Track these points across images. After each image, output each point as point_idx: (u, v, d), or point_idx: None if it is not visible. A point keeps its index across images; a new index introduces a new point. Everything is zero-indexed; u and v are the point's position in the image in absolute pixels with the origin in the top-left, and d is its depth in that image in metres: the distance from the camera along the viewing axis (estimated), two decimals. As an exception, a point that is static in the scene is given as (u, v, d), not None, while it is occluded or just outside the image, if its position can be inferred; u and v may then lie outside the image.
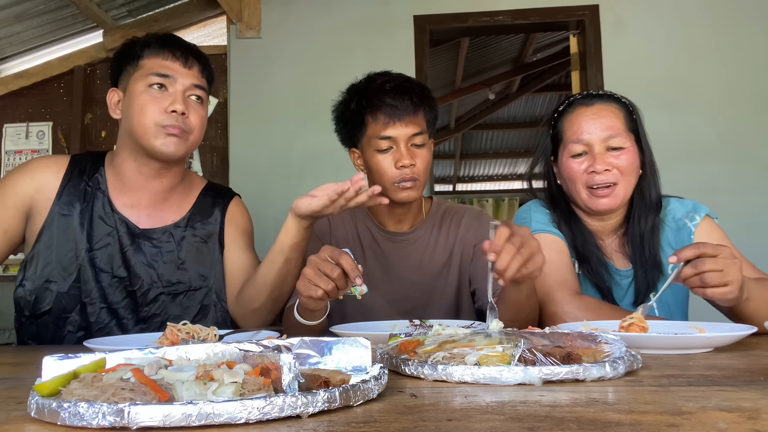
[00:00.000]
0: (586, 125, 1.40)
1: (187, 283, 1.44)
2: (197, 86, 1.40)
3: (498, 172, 9.48)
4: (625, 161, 1.37)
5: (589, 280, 1.42)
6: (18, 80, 3.81)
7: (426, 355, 0.78)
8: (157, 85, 1.35)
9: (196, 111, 1.39)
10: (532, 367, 0.69)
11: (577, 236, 1.44)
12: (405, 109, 1.44)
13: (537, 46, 5.80)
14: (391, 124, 1.44)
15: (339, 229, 1.61)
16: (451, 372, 0.71)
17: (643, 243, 1.42)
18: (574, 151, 1.41)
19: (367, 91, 1.49)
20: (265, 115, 3.55)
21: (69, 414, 0.52)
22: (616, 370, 0.71)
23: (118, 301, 1.38)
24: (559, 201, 1.49)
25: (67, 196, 1.40)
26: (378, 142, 1.46)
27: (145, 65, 1.37)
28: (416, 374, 0.74)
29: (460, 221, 1.61)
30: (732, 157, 3.35)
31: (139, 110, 1.34)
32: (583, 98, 1.46)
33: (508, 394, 0.64)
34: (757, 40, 3.40)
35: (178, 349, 0.71)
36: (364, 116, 1.48)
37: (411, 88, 1.48)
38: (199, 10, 3.88)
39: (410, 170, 1.45)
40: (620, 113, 1.42)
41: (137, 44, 1.40)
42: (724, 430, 0.49)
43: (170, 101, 1.34)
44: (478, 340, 0.82)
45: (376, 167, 1.48)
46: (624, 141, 1.38)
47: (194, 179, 1.58)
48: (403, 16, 3.58)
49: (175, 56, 1.38)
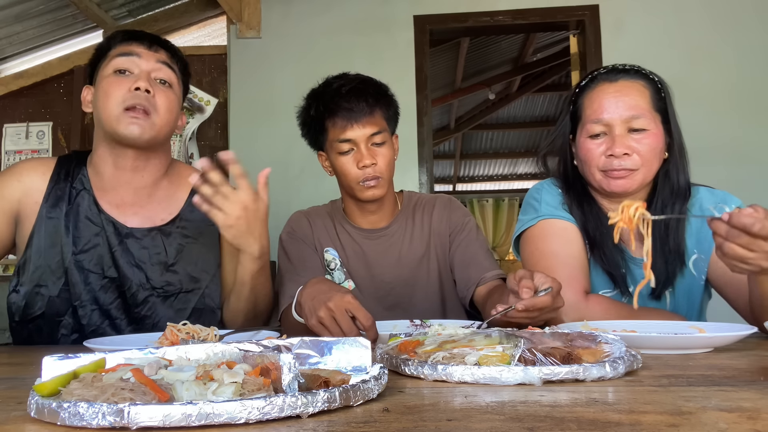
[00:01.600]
0: (607, 103, 1.29)
1: (177, 285, 1.39)
2: (163, 64, 1.38)
3: (498, 172, 9.48)
4: (647, 146, 1.27)
5: (601, 266, 1.35)
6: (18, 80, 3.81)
7: (426, 355, 0.78)
8: (121, 70, 1.34)
9: (164, 93, 1.36)
10: (532, 367, 0.69)
11: (591, 220, 1.35)
12: (361, 110, 1.48)
13: (537, 46, 5.80)
14: (349, 127, 1.48)
15: (320, 231, 1.64)
16: (451, 372, 0.71)
17: (667, 231, 1.32)
18: (592, 131, 1.31)
19: (323, 96, 1.52)
20: (265, 115, 3.56)
21: (69, 414, 0.52)
22: (616, 370, 0.70)
23: (110, 302, 1.35)
24: (574, 182, 1.40)
25: (53, 198, 1.37)
26: (339, 145, 1.50)
27: (111, 54, 1.37)
28: (416, 374, 0.74)
29: (432, 212, 1.64)
30: (732, 158, 3.35)
31: (104, 95, 1.33)
32: (608, 73, 1.35)
33: (508, 394, 0.64)
34: (757, 41, 3.40)
35: (178, 349, 0.71)
36: (324, 121, 1.52)
37: (366, 89, 1.51)
38: (199, 10, 3.88)
39: (372, 169, 1.49)
40: (646, 91, 1.31)
41: (108, 39, 1.41)
42: (724, 430, 0.49)
43: (134, 81, 1.33)
44: (478, 340, 0.82)
45: (340, 169, 1.53)
46: (648, 122, 1.27)
47: (183, 171, 1.51)
48: (403, 16, 3.58)
49: (141, 42, 1.37)
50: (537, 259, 1.34)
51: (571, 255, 1.33)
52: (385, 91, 1.57)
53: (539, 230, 1.38)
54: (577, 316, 1.22)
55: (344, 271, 1.61)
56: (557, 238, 1.35)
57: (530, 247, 1.37)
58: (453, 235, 1.61)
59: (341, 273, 1.61)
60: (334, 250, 1.62)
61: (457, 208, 1.66)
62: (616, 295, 1.36)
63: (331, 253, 1.62)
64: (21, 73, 3.84)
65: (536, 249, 1.36)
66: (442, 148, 8.54)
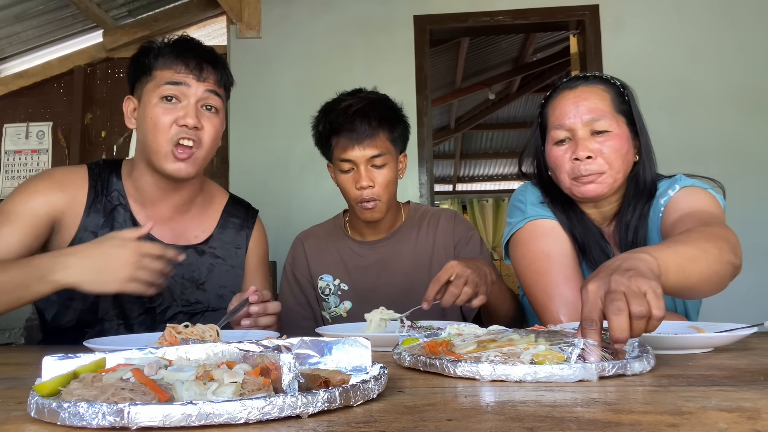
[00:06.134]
0: (567, 109, 1.30)
1: (205, 303, 1.42)
2: (212, 93, 1.35)
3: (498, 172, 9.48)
4: (611, 147, 1.26)
5: (591, 270, 1.33)
6: (18, 80, 3.81)
7: (475, 356, 0.76)
8: (169, 97, 1.31)
9: (210, 121, 1.35)
10: (590, 364, 0.70)
11: (577, 224, 1.35)
12: (363, 132, 1.50)
13: (537, 46, 5.80)
14: (350, 148, 1.51)
15: (316, 256, 1.69)
16: (510, 372, 0.70)
17: (627, 232, 1.33)
18: (557, 137, 1.31)
19: (331, 113, 1.56)
20: (265, 115, 3.56)
21: (69, 414, 0.52)
22: (650, 363, 0.75)
23: (135, 317, 1.37)
24: (553, 191, 1.39)
25: (94, 211, 1.36)
26: (340, 163, 1.55)
27: (157, 76, 1.33)
28: (470, 375, 0.72)
29: (437, 224, 1.68)
30: (732, 158, 3.35)
31: (152, 125, 1.30)
32: (568, 81, 1.36)
33: (508, 394, 0.64)
34: (757, 41, 3.40)
35: (178, 349, 0.71)
36: (330, 138, 1.57)
37: (371, 110, 1.53)
38: (199, 10, 3.88)
39: (369, 191, 1.53)
40: (606, 95, 1.31)
41: (151, 52, 1.35)
42: (724, 430, 0.49)
43: (182, 114, 1.30)
44: (517, 339, 0.82)
45: (342, 186, 1.59)
46: (609, 124, 1.27)
47: (214, 191, 1.55)
48: (403, 16, 3.58)
49: (188, 67, 1.32)
50: (529, 261, 1.33)
51: (563, 254, 1.32)
52: (393, 112, 1.59)
53: (528, 232, 1.37)
54: (576, 315, 1.22)
55: (338, 295, 1.66)
56: (547, 238, 1.34)
57: (521, 250, 1.36)
58: (458, 248, 1.65)
59: (336, 298, 1.66)
60: (329, 275, 1.67)
61: (462, 222, 1.70)
62: None
63: (325, 279, 1.67)
64: (21, 73, 3.84)
65: (528, 251, 1.35)
66: (442, 148, 8.55)
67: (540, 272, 1.30)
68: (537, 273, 1.31)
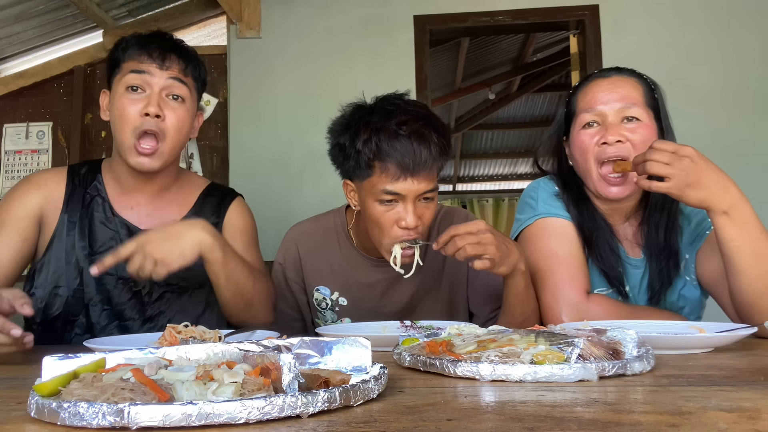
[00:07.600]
0: (600, 94, 1.31)
1: (192, 281, 1.43)
2: (176, 80, 1.37)
3: (498, 172, 9.47)
4: (640, 135, 1.26)
5: (597, 266, 1.35)
6: (18, 80, 3.81)
7: (474, 356, 0.76)
8: (134, 87, 1.34)
9: (174, 111, 1.36)
10: (590, 363, 0.70)
11: (587, 219, 1.35)
12: (421, 163, 1.23)
13: (537, 46, 5.80)
14: (402, 179, 1.24)
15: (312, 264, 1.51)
16: (510, 372, 0.70)
17: (658, 232, 1.33)
18: (585, 120, 1.31)
19: (379, 132, 1.25)
20: (265, 115, 3.55)
21: (69, 414, 0.52)
22: (650, 363, 0.75)
23: (124, 302, 1.39)
24: (570, 183, 1.39)
25: (72, 204, 1.42)
26: (382, 194, 1.26)
27: (124, 67, 1.37)
28: (470, 375, 0.72)
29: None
30: (731, 158, 3.34)
31: (119, 116, 1.35)
32: (601, 71, 1.38)
33: (508, 394, 0.64)
34: (757, 42, 3.40)
35: (178, 349, 0.71)
36: (372, 161, 1.26)
37: (430, 135, 1.25)
38: (199, 10, 3.87)
39: (414, 231, 1.27)
40: (639, 86, 1.33)
41: (120, 46, 1.40)
42: (724, 430, 0.49)
43: (145, 103, 1.33)
44: (517, 339, 0.82)
45: (375, 220, 1.29)
46: (641, 113, 1.28)
47: (193, 179, 1.58)
48: (403, 16, 3.58)
49: (152, 56, 1.36)
50: (536, 259, 1.33)
51: (571, 254, 1.32)
52: (448, 136, 1.32)
53: (537, 229, 1.37)
54: (578, 316, 1.22)
55: (336, 311, 1.51)
56: (555, 236, 1.34)
57: (529, 247, 1.36)
58: None
59: (333, 313, 1.52)
60: (326, 288, 1.51)
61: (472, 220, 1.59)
62: (613, 293, 1.36)
63: (321, 292, 1.51)
64: (21, 73, 3.83)
65: (535, 248, 1.35)
66: (442, 148, 8.52)
67: (546, 271, 1.31)
68: (543, 271, 1.31)
